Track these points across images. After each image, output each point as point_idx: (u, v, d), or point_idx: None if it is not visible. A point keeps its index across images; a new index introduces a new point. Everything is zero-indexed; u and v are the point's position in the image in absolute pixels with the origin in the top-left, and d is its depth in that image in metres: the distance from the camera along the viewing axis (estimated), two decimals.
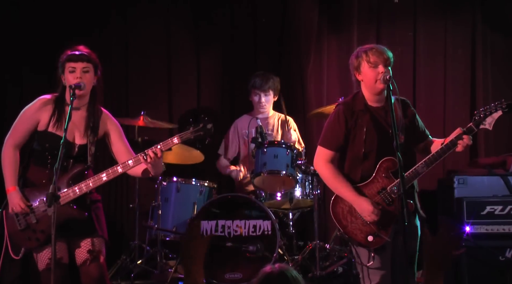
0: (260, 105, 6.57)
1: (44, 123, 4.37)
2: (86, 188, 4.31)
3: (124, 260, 6.26)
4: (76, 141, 4.40)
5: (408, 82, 7.22)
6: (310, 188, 6.09)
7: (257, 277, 3.18)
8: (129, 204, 6.62)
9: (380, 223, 4.17)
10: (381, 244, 4.19)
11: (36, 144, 4.41)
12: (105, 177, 4.31)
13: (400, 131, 4.21)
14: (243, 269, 5.63)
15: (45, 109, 4.39)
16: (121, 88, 7.10)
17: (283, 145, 5.94)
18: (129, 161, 4.31)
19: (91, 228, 4.41)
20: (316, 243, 5.97)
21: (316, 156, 4.40)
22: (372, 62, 4.23)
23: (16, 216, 4.31)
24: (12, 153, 4.37)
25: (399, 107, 4.29)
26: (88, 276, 4.41)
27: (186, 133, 4.29)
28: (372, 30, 7.36)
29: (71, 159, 4.38)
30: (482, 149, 7.21)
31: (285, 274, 3.13)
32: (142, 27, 7.20)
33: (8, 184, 4.34)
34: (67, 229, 4.29)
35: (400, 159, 3.88)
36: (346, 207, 4.26)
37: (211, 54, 7.35)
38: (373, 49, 4.26)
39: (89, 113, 4.43)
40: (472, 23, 7.34)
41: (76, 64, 4.31)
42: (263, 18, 7.30)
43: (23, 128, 4.40)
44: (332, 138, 4.34)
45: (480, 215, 5.81)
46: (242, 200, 5.88)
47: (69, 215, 4.32)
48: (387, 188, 4.19)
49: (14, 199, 4.30)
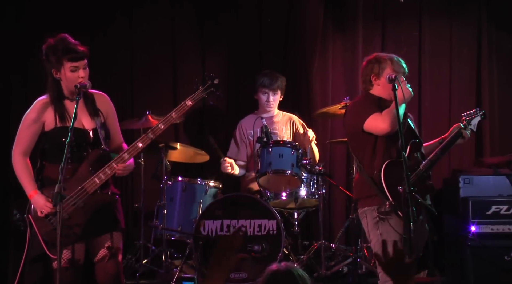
0: (268, 104, 6.56)
1: (51, 123, 4.35)
2: (111, 171, 4.27)
3: (130, 259, 6.28)
4: (86, 126, 4.37)
5: (414, 82, 7.15)
6: (315, 188, 6.09)
7: (263, 275, 3.18)
8: (135, 203, 6.64)
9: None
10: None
11: (47, 144, 4.37)
12: (126, 155, 4.29)
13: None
14: (248, 268, 5.62)
15: (46, 110, 4.36)
16: (126, 88, 7.11)
17: (288, 145, 5.94)
18: (149, 133, 4.32)
19: (113, 221, 4.39)
20: (322, 242, 5.97)
21: (372, 122, 4.51)
22: (396, 70, 4.45)
23: (46, 217, 4.25)
24: (22, 160, 4.34)
25: None
26: (105, 272, 4.36)
27: (198, 93, 4.34)
28: (377, 30, 7.35)
29: (88, 146, 4.35)
30: (487, 149, 7.19)
31: (291, 272, 3.13)
32: (147, 27, 7.20)
33: (28, 189, 4.29)
34: (91, 224, 4.27)
35: (405, 159, 3.91)
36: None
37: (216, 54, 7.36)
38: (394, 59, 4.52)
39: (85, 99, 4.39)
40: (477, 22, 7.32)
41: (78, 64, 4.27)
42: (268, 18, 7.30)
43: (28, 134, 4.36)
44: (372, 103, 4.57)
45: (485, 214, 5.81)
46: (247, 199, 5.88)
47: (100, 202, 4.30)
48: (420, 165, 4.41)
49: (39, 202, 4.24)
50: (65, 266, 4.20)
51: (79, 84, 4.23)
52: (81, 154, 4.31)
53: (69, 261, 4.25)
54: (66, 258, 4.25)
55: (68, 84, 4.30)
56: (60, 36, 4.34)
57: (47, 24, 6.60)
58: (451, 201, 6.23)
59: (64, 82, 4.33)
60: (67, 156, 3.98)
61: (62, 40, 4.32)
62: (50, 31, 4.44)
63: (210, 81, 4.35)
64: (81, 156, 4.30)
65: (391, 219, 4.32)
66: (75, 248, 4.28)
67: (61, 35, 4.35)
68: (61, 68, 4.28)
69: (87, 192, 4.22)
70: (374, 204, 4.44)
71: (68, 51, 4.27)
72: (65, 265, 4.20)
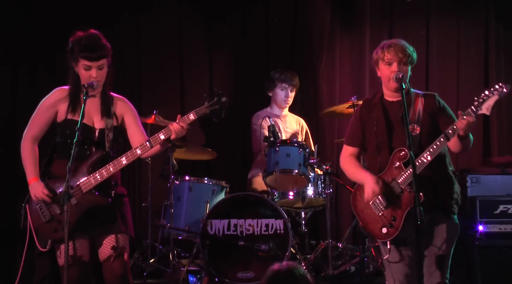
0: (286, 100, 6.59)
1: (63, 113, 4.35)
2: (107, 173, 4.24)
3: (137, 258, 6.28)
4: (95, 125, 4.37)
5: (421, 81, 7.19)
6: (322, 187, 6.09)
7: (265, 275, 3.18)
8: (142, 202, 6.64)
9: (392, 215, 4.15)
10: (394, 236, 4.14)
11: (59, 136, 4.38)
12: (125, 160, 4.25)
13: (416, 123, 4.20)
14: (255, 268, 5.62)
15: (62, 100, 4.36)
16: (133, 88, 7.11)
17: (296, 144, 5.94)
18: (147, 142, 4.27)
19: (115, 223, 4.35)
20: (329, 242, 5.96)
21: (341, 155, 4.49)
22: (386, 60, 4.22)
23: (40, 209, 4.27)
24: (31, 145, 4.35)
25: (421, 102, 4.27)
26: (112, 272, 4.35)
27: (202, 108, 4.27)
28: (384, 29, 7.35)
29: (92, 145, 4.34)
30: (495, 148, 7.18)
31: (293, 272, 3.14)
32: (154, 27, 7.21)
33: (29, 175, 4.30)
34: (90, 224, 4.27)
35: (412, 156, 3.87)
36: (364, 200, 4.27)
37: (223, 54, 7.36)
38: (390, 47, 4.24)
39: (102, 99, 4.41)
40: (485, 22, 7.32)
41: (91, 63, 4.27)
42: (275, 17, 7.30)
43: (41, 120, 4.37)
44: (352, 134, 4.42)
45: (493, 214, 5.81)
46: (255, 198, 5.87)
47: (92, 203, 4.27)
48: (396, 178, 4.15)
49: (36, 188, 4.25)
50: (68, 264, 4.19)
51: (86, 84, 4.24)
52: (85, 151, 4.30)
53: (72, 257, 4.24)
54: (68, 255, 4.24)
55: (83, 81, 4.31)
56: (88, 32, 4.35)
57: (54, 21, 6.63)
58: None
59: (80, 77, 4.34)
60: (74, 156, 3.98)
61: (87, 36, 4.32)
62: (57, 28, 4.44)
63: (217, 98, 4.27)
64: (84, 153, 4.29)
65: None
66: (76, 245, 4.29)
67: (90, 31, 4.36)
68: (78, 64, 4.30)
69: (81, 191, 4.22)
70: None
71: (84, 49, 4.26)
72: (68, 263, 4.19)
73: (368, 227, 4.26)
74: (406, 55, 4.22)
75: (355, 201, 4.33)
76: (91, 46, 4.27)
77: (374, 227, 4.22)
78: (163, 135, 4.27)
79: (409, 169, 4.03)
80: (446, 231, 4.20)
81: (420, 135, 4.17)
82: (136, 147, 4.29)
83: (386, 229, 4.17)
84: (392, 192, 4.17)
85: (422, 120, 4.23)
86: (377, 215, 4.20)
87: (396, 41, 4.33)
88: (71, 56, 4.32)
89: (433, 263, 4.16)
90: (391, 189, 4.17)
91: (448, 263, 4.23)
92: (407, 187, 4.10)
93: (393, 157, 4.19)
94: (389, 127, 4.25)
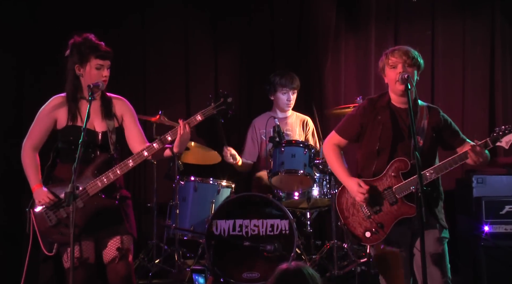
0: (288, 103, 6.57)
1: (63, 121, 4.39)
2: (114, 176, 4.28)
3: (142, 259, 6.29)
4: (97, 129, 4.40)
5: (426, 82, 7.18)
6: (327, 187, 6.08)
7: (274, 274, 3.18)
8: (147, 203, 6.64)
9: (380, 221, 4.21)
10: (376, 242, 4.24)
11: (61, 142, 4.41)
12: (131, 163, 4.29)
13: (420, 136, 4.22)
14: (261, 268, 5.62)
15: (60, 107, 4.40)
16: (139, 88, 7.13)
17: (301, 144, 5.93)
18: (154, 144, 4.31)
19: (120, 224, 4.39)
20: (334, 242, 5.96)
21: (327, 139, 4.55)
22: (391, 63, 4.27)
23: (46, 213, 4.30)
24: (31, 154, 4.39)
25: (426, 114, 4.30)
26: (116, 274, 4.37)
27: (208, 109, 4.33)
28: (390, 30, 7.35)
29: (96, 148, 4.38)
30: (501, 148, 7.11)
31: (301, 271, 3.14)
32: (160, 26, 7.22)
33: (32, 183, 4.35)
34: (96, 226, 4.30)
35: (418, 160, 3.87)
36: (350, 199, 4.33)
37: (228, 54, 7.37)
38: (394, 51, 4.29)
39: (102, 101, 4.45)
40: (491, 22, 7.30)
41: (104, 62, 4.33)
42: (280, 18, 7.30)
43: (39, 129, 4.42)
44: (347, 126, 4.47)
45: (499, 214, 5.80)
46: (260, 199, 5.87)
47: (99, 205, 4.30)
48: (392, 187, 4.20)
49: (40, 194, 4.29)
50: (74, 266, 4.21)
51: (92, 84, 4.25)
52: (89, 155, 4.33)
53: (78, 259, 4.25)
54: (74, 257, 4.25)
55: (90, 81, 4.31)
56: (87, 35, 4.40)
57: (58, 24, 6.63)
58: (464, 201, 6.21)
59: (84, 80, 4.36)
60: (79, 157, 4.00)
61: (92, 38, 4.38)
62: (62, 30, 4.45)
63: (223, 99, 4.34)
64: (88, 157, 4.32)
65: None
66: (82, 247, 4.30)
67: (87, 34, 4.40)
68: (86, 64, 4.33)
69: (88, 194, 4.26)
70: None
71: (96, 48, 4.33)
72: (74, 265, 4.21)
73: (350, 226, 4.32)
74: (410, 57, 4.24)
75: (340, 198, 4.39)
76: (102, 46, 4.36)
77: (357, 228, 4.29)
78: (170, 137, 4.31)
79: (410, 180, 4.11)
80: (438, 231, 4.26)
81: (422, 148, 4.19)
82: (142, 149, 4.32)
83: (370, 233, 4.24)
84: (383, 200, 4.23)
85: (425, 133, 4.27)
86: (362, 218, 4.27)
87: (400, 46, 4.38)
88: (73, 58, 4.34)
89: (431, 263, 4.17)
90: (383, 197, 4.23)
91: (446, 262, 4.26)
92: (403, 198, 4.16)
93: (392, 165, 4.22)
94: (396, 136, 4.27)
